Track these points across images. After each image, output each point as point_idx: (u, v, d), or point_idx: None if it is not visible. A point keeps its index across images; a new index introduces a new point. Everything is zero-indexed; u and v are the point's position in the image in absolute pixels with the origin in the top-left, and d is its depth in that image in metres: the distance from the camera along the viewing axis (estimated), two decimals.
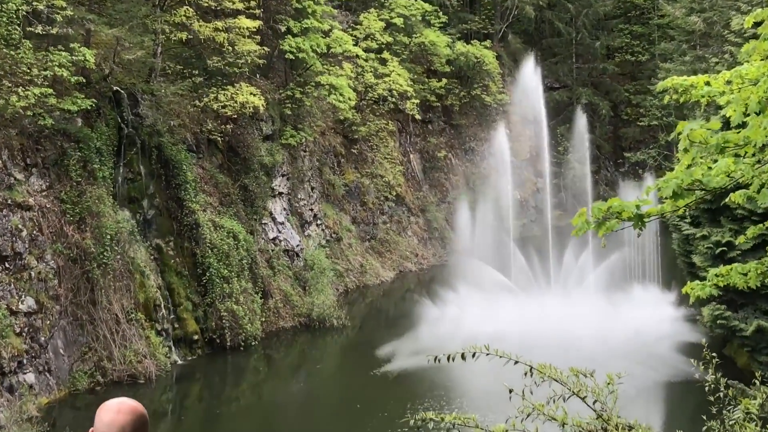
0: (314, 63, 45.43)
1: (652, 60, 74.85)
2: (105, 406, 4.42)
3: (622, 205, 7.28)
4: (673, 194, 7.17)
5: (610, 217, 7.30)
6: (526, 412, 6.10)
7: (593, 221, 7.34)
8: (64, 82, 31.61)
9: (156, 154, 36.44)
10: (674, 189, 7.15)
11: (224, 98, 38.93)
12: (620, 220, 7.29)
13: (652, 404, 28.87)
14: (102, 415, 4.37)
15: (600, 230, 7.36)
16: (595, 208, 7.32)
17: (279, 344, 39.74)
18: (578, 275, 43.17)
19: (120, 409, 4.37)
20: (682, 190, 7.19)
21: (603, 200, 7.50)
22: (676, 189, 7.14)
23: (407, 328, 39.58)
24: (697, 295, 11.21)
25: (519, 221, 63.41)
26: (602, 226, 7.32)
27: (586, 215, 7.38)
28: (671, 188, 7.16)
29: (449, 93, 63.74)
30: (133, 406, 4.41)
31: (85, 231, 31.84)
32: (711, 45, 59.95)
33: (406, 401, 30.20)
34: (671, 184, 7.18)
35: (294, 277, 43.48)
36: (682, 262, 35.75)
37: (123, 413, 4.37)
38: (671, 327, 37.13)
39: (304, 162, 48.68)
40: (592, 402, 6.19)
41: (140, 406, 4.44)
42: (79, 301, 31.38)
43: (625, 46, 78.16)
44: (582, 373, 6.16)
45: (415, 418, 6.30)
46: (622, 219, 7.28)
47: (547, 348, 29.85)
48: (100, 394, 30.50)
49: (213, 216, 38.15)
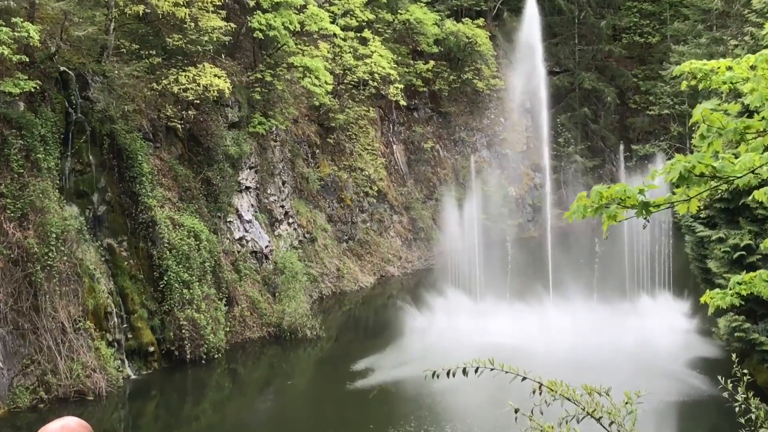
0: (286, 42, 45.37)
1: (663, 42, 75.11)
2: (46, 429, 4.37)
3: (625, 191, 7.25)
4: (680, 177, 7.14)
5: (611, 204, 7.28)
6: None
7: (590, 207, 7.31)
8: (4, 62, 31.44)
9: (108, 143, 36.30)
10: (681, 172, 7.13)
11: (185, 80, 38.84)
12: (623, 207, 7.27)
13: (666, 424, 28.98)
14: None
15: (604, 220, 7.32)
16: (595, 193, 7.30)
17: (245, 357, 39.69)
18: (581, 281, 43.27)
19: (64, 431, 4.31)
20: (690, 175, 7.17)
21: None
22: (683, 172, 7.12)
23: (389, 339, 39.66)
24: (717, 306, 11.22)
25: (514, 220, 63.60)
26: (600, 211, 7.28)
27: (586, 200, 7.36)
28: (677, 170, 7.14)
29: (437, 77, 63.80)
30: (77, 426, 4.36)
31: (27, 229, 31.68)
32: (729, 26, 60.27)
33: (386, 423, 30.25)
34: (678, 167, 7.16)
35: (262, 282, 43.44)
36: (695, 268, 35.88)
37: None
38: (683, 340, 37.29)
39: (274, 153, 48.64)
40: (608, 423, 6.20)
41: (86, 426, 4.40)
42: (20, 308, 31.21)
43: (633, 26, 78.36)
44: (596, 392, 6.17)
45: None
46: (625, 206, 7.26)
47: (547, 363, 29.93)
48: (43, 411, 30.39)
49: (172, 213, 38.06)
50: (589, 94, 74.45)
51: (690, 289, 40.20)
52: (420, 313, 42.20)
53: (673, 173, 7.14)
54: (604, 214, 7.20)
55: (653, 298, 42.48)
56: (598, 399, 6.21)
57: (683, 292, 40.76)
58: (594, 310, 40.54)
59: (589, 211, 7.28)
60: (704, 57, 46.89)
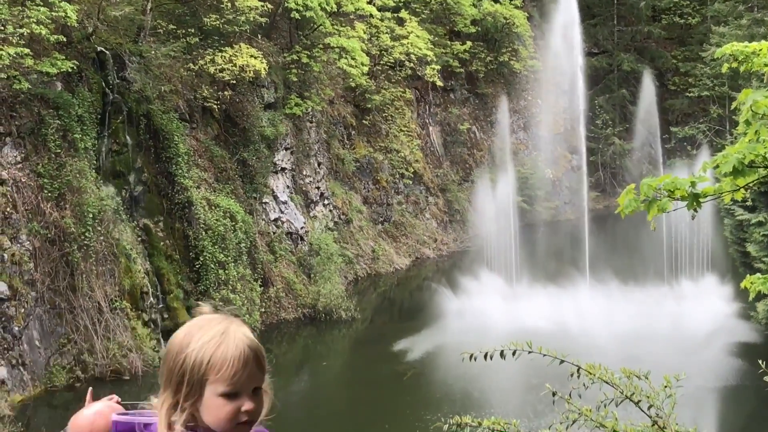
0: (323, 22, 45.34)
1: (703, 23, 74.37)
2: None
3: (675, 183, 7.18)
4: (733, 170, 7.08)
5: (661, 196, 7.23)
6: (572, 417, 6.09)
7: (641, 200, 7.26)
8: (42, 42, 31.60)
9: (144, 124, 36.46)
10: (735, 165, 7.07)
11: (221, 61, 38.93)
12: (673, 199, 7.21)
13: (705, 409, 28.83)
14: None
15: (650, 211, 7.27)
16: (645, 185, 7.24)
17: (280, 338, 39.85)
18: (618, 265, 43.07)
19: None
20: (743, 167, 7.11)
21: None
22: (737, 165, 7.05)
23: (424, 322, 39.63)
24: (758, 290, 11.14)
25: (551, 203, 63.39)
26: (653, 205, 7.23)
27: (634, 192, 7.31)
28: (731, 164, 7.07)
29: (474, 58, 63.48)
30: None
31: (64, 209, 31.89)
32: None
33: (421, 406, 30.29)
34: (731, 159, 7.09)
35: (298, 264, 43.56)
36: (734, 252, 35.69)
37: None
38: (722, 324, 36.98)
39: (310, 134, 48.68)
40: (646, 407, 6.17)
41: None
42: (57, 287, 31.47)
43: (673, 6, 77.57)
44: (635, 375, 6.15)
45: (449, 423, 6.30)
46: (675, 198, 7.20)
47: (583, 347, 29.79)
48: (80, 391, 30.62)
49: (207, 194, 38.21)
50: (627, 76, 73.87)
51: (729, 273, 39.90)
52: (455, 295, 42.15)
53: (726, 166, 7.07)
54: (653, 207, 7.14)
55: (692, 281, 42.21)
56: (636, 383, 6.18)
57: (722, 276, 40.46)
58: (632, 294, 40.37)
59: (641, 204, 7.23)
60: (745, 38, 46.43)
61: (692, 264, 42.93)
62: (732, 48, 9.63)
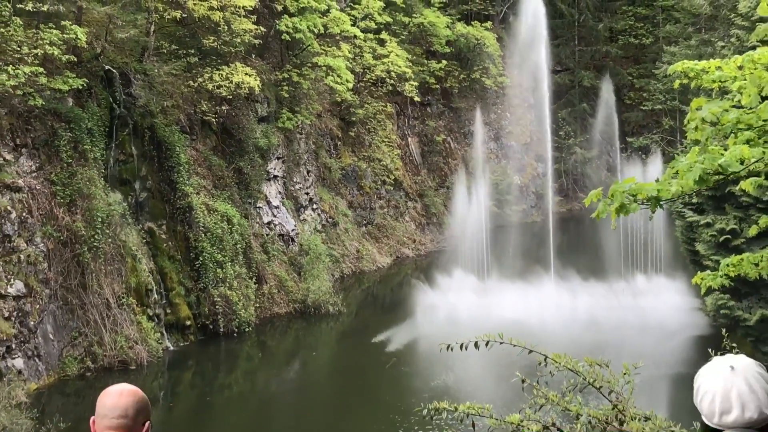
0: (311, 43, 45.31)
1: (656, 43, 74.57)
2: (107, 391, 4.58)
3: (639, 187, 7.19)
4: (699, 179, 7.09)
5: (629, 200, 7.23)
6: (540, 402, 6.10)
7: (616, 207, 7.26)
8: (54, 61, 31.53)
9: (148, 136, 36.40)
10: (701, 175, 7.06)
11: (219, 78, 38.85)
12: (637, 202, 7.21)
13: (661, 393, 28.90)
14: (104, 400, 4.51)
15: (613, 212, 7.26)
16: (617, 192, 7.22)
17: (273, 331, 39.80)
18: (580, 263, 43.19)
19: (122, 393, 4.51)
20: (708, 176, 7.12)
21: (605, 186, 7.42)
22: (702, 175, 7.05)
23: (404, 315, 39.67)
24: (708, 286, 11.19)
25: (519, 207, 63.48)
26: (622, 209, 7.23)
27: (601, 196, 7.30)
28: (697, 172, 7.06)
29: (449, 75, 63.55)
30: (135, 389, 4.57)
31: (75, 213, 31.82)
32: (717, 28, 59.79)
33: (402, 391, 30.31)
34: (697, 169, 7.09)
35: (289, 263, 43.50)
36: (685, 250, 35.79)
37: (125, 396, 4.50)
38: (674, 315, 37.10)
39: (300, 145, 48.63)
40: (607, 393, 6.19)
41: (141, 391, 4.59)
42: (69, 285, 31.39)
43: (628, 28, 77.79)
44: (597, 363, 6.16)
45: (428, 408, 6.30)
46: (640, 201, 7.21)
47: (548, 338, 29.82)
48: (90, 380, 30.59)
49: (206, 199, 38.13)
50: (587, 91, 74.06)
51: (680, 270, 40.04)
52: (432, 290, 42.19)
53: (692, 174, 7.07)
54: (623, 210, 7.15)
55: (646, 278, 42.38)
56: (598, 370, 6.20)
57: (674, 273, 40.60)
58: (592, 289, 40.48)
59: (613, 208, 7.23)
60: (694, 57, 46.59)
61: (647, 262, 43.09)
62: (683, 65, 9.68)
